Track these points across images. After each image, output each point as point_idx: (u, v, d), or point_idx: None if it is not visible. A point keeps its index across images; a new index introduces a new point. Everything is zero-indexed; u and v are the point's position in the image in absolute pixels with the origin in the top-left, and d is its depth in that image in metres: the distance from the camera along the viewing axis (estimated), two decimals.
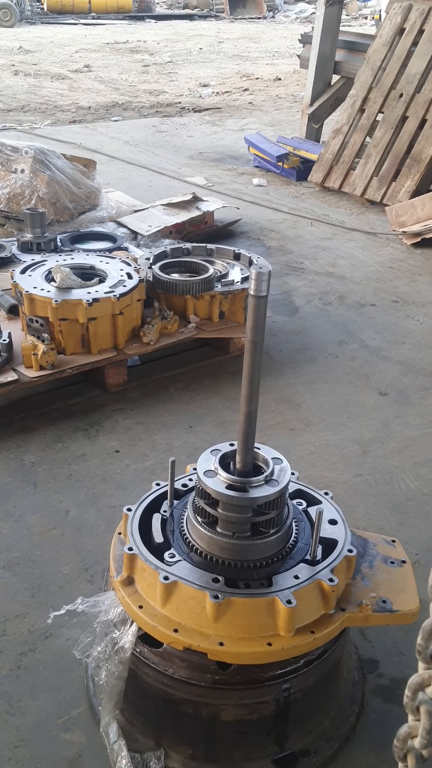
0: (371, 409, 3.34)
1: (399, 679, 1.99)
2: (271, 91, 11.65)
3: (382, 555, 1.79)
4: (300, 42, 8.35)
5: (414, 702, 0.86)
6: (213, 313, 3.50)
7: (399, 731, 0.87)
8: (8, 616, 2.16)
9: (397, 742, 0.88)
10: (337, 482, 2.80)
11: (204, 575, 1.58)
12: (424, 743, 0.85)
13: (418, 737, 0.85)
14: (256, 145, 7.23)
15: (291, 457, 1.74)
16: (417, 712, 0.86)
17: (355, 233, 5.65)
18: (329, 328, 4.10)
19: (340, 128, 6.59)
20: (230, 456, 1.65)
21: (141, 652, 1.64)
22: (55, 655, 2.03)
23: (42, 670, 1.98)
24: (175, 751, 1.71)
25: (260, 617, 1.52)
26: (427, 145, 5.88)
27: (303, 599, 1.54)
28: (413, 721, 0.86)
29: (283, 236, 5.52)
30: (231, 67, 14.03)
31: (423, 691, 0.85)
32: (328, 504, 1.82)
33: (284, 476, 1.61)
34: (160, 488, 1.85)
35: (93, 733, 1.81)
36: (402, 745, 0.88)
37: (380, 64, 6.35)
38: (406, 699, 0.86)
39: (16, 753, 1.78)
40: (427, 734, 0.84)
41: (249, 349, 1.46)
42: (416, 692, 0.86)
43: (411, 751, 0.87)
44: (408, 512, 2.66)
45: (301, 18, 23.91)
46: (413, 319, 4.26)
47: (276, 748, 1.70)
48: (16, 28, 19.81)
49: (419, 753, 0.86)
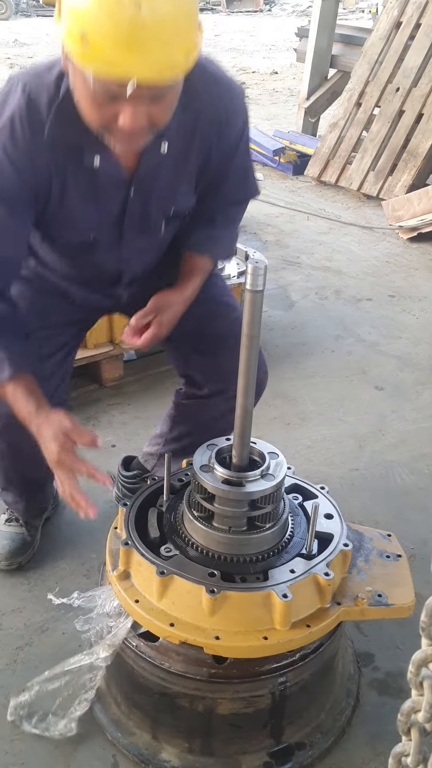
0: (368, 403, 3.34)
1: (394, 672, 2.00)
2: (267, 85, 11.62)
3: (378, 549, 1.79)
4: (296, 36, 8.33)
5: (418, 677, 0.89)
6: None
7: (403, 706, 0.91)
8: (5, 610, 2.16)
9: (401, 716, 0.91)
10: (333, 477, 2.81)
11: (200, 570, 1.58)
12: (428, 717, 0.88)
13: (422, 711, 0.88)
14: (253, 139, 7.17)
15: (287, 451, 1.74)
16: (420, 687, 0.89)
17: (352, 228, 5.64)
18: (325, 322, 4.10)
19: (336, 122, 6.58)
20: (226, 450, 1.65)
21: (137, 646, 1.64)
22: (51, 649, 2.03)
23: (38, 664, 1.98)
24: (172, 744, 1.72)
25: (256, 611, 1.53)
26: (423, 140, 5.87)
27: (299, 593, 1.54)
28: (417, 696, 0.89)
29: (279, 230, 5.51)
30: (227, 61, 13.96)
31: (427, 667, 0.88)
32: (324, 498, 1.82)
33: (280, 471, 1.61)
34: (156, 483, 1.85)
35: (90, 727, 1.82)
36: (406, 719, 0.91)
37: (377, 58, 6.34)
38: (410, 674, 0.89)
39: (13, 746, 1.78)
40: (430, 708, 0.87)
41: (245, 344, 1.46)
42: (420, 668, 0.88)
43: (414, 725, 0.90)
44: (404, 506, 2.67)
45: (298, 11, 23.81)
46: (409, 313, 4.26)
47: (272, 741, 1.71)
48: (12, 20, 19.68)
49: (423, 726, 0.90)
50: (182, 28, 1.38)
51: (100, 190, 1.73)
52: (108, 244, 1.87)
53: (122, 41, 1.31)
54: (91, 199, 1.75)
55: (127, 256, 1.92)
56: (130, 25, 1.30)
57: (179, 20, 1.36)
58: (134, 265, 1.98)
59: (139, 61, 1.34)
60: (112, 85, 1.39)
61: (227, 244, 2.11)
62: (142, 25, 1.30)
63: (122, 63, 1.34)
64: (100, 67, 1.36)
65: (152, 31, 1.32)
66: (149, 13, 1.30)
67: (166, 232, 1.92)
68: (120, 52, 1.32)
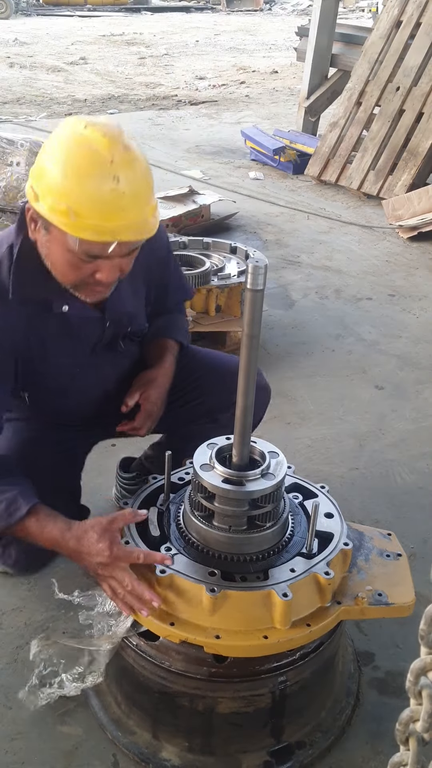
0: (368, 402, 3.34)
1: (394, 671, 2.00)
2: (267, 84, 11.61)
3: (378, 548, 1.79)
4: (297, 35, 8.33)
5: (416, 686, 0.87)
6: (209, 307, 3.50)
7: (401, 715, 0.89)
8: (5, 609, 2.16)
9: (399, 726, 0.90)
10: (334, 476, 2.81)
11: (200, 568, 1.58)
12: (426, 727, 0.86)
13: (420, 721, 0.87)
14: (253, 138, 7.20)
15: (287, 450, 1.74)
16: (419, 696, 0.87)
17: (352, 227, 5.64)
18: (326, 321, 4.10)
19: (336, 121, 6.58)
20: (227, 449, 1.65)
21: (137, 645, 1.64)
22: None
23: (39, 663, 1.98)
24: (172, 743, 1.72)
25: (256, 610, 1.53)
26: (423, 139, 5.87)
27: (299, 592, 1.54)
28: (415, 705, 0.88)
29: (279, 230, 5.51)
30: (227, 60, 13.97)
31: (425, 676, 0.87)
32: (324, 497, 1.82)
33: (280, 470, 1.61)
34: (156, 481, 1.85)
35: (90, 726, 1.82)
36: (404, 729, 0.89)
37: (377, 57, 6.33)
38: (409, 683, 0.88)
39: (13, 745, 1.78)
40: (429, 718, 0.86)
41: (245, 343, 1.46)
42: (418, 677, 0.87)
43: (413, 735, 0.89)
44: (404, 506, 2.67)
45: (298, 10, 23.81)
46: (410, 312, 4.26)
47: (272, 740, 1.71)
48: (12, 19, 19.68)
49: (421, 736, 0.88)
50: (149, 194, 1.63)
51: (74, 330, 1.87)
52: (87, 370, 1.97)
53: (107, 210, 1.53)
54: (69, 338, 1.87)
55: (103, 370, 2.03)
56: (112, 196, 1.52)
57: (147, 187, 1.61)
58: (111, 377, 2.07)
59: (122, 226, 1.55)
60: (97, 249, 1.58)
61: (184, 327, 2.30)
62: (122, 195, 1.53)
63: (109, 229, 1.54)
64: (90, 235, 1.54)
65: (130, 200, 1.55)
66: (126, 185, 1.53)
67: (126, 346, 2.04)
68: (106, 220, 1.53)
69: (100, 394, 2.07)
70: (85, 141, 1.53)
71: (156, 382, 2.04)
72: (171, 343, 2.17)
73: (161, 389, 2.05)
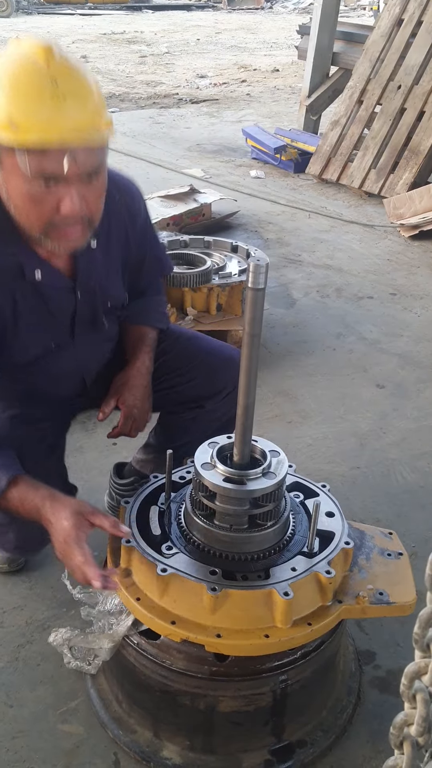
0: (369, 401, 3.34)
1: (395, 670, 2.00)
2: (268, 83, 11.60)
3: (379, 547, 1.79)
4: (298, 33, 8.31)
5: (410, 690, 0.86)
6: (210, 306, 3.50)
7: (395, 719, 0.88)
8: (6, 608, 2.16)
9: (393, 729, 0.89)
10: (335, 475, 2.81)
11: (201, 567, 1.58)
12: (420, 731, 0.85)
13: (414, 725, 0.86)
14: (254, 136, 7.20)
15: (288, 449, 1.74)
16: (413, 700, 0.86)
17: (353, 225, 5.63)
18: (327, 320, 4.10)
19: (338, 120, 6.57)
20: (228, 448, 1.65)
21: (138, 643, 1.64)
22: (52, 647, 2.02)
23: (40, 661, 1.99)
24: (173, 742, 1.72)
25: (257, 609, 1.53)
26: (425, 137, 5.86)
27: (300, 591, 1.54)
28: (409, 709, 0.87)
29: (280, 228, 5.51)
30: (228, 59, 13.95)
31: (419, 680, 0.86)
32: (326, 496, 1.82)
33: (281, 469, 1.61)
34: (157, 480, 1.85)
35: (91, 725, 1.82)
36: (398, 733, 0.88)
37: (378, 56, 6.32)
38: (403, 687, 0.87)
39: (15, 744, 1.79)
40: (423, 722, 0.85)
41: (246, 342, 1.46)
42: (412, 680, 0.86)
43: (407, 739, 0.88)
44: (405, 505, 2.67)
45: (299, 9, 23.77)
46: (411, 311, 4.26)
47: (273, 739, 1.71)
48: (12, 18, 19.66)
49: (415, 740, 0.87)
50: (96, 100, 1.54)
51: (48, 301, 1.82)
52: (63, 349, 1.92)
53: (48, 114, 1.45)
54: (43, 311, 1.82)
55: (82, 355, 1.99)
56: (51, 97, 1.45)
57: (92, 92, 1.53)
58: (91, 365, 2.05)
59: (67, 128, 1.47)
60: (49, 164, 1.49)
61: (161, 309, 2.25)
62: (62, 95, 1.46)
63: (53, 129, 1.46)
64: (35, 142, 1.46)
65: (72, 101, 1.48)
66: (65, 85, 1.46)
67: (109, 325, 2.01)
68: (49, 122, 1.46)
69: (78, 380, 2.03)
70: (20, 53, 1.48)
71: (129, 384, 2.03)
72: (146, 330, 2.12)
73: (137, 389, 2.03)
